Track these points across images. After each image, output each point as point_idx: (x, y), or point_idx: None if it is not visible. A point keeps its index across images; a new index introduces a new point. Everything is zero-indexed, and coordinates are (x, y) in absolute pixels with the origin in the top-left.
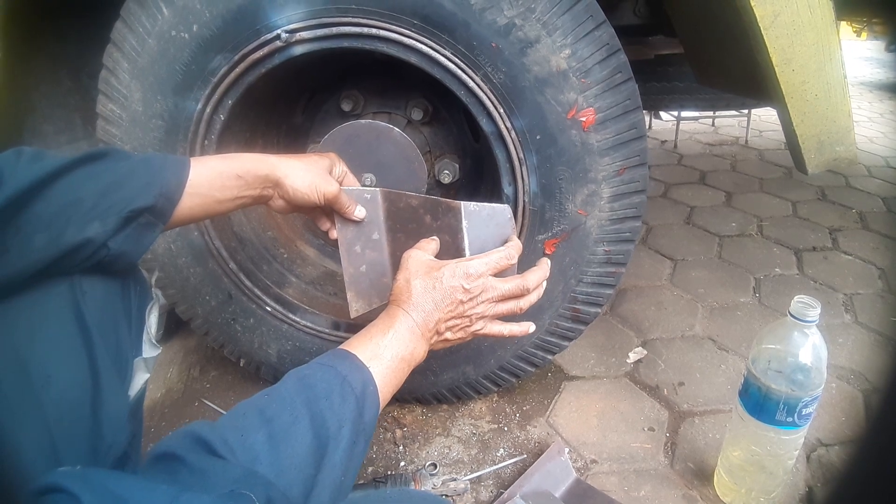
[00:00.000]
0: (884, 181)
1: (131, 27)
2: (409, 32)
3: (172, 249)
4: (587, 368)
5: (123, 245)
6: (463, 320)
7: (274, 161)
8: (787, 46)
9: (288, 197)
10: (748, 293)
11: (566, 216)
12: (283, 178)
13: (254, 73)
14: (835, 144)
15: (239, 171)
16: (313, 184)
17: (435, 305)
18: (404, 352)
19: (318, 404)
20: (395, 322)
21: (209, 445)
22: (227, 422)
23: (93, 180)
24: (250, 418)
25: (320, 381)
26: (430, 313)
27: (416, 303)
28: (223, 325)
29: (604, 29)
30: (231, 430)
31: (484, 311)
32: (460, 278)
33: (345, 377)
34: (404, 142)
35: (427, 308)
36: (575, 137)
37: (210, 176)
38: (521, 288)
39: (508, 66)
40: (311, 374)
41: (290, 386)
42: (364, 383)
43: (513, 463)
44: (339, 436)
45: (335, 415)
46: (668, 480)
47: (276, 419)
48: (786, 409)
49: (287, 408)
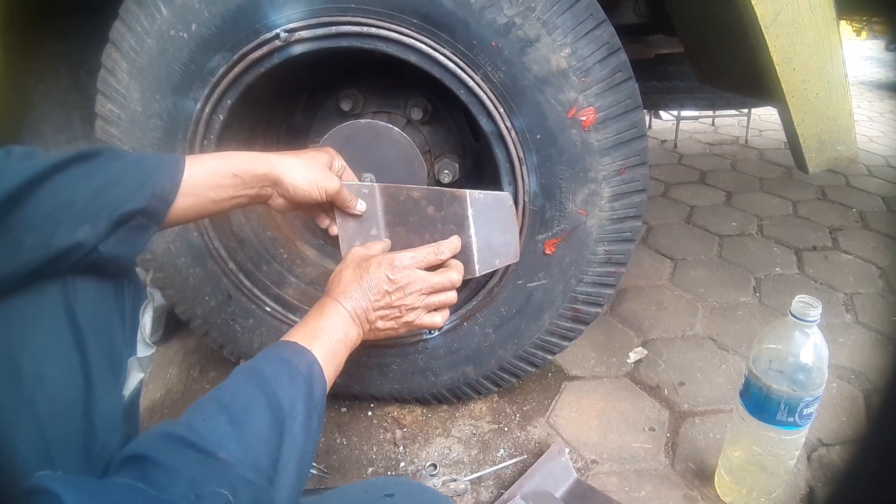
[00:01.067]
0: (884, 180)
1: (130, 26)
2: (409, 31)
3: (171, 250)
4: (587, 368)
5: (115, 249)
6: (392, 310)
7: (272, 159)
8: (787, 45)
9: (288, 195)
10: (748, 293)
11: (566, 216)
12: (283, 175)
13: (253, 72)
14: (836, 143)
15: (235, 169)
16: (314, 180)
17: (363, 294)
18: (339, 334)
19: (270, 387)
20: (327, 308)
21: (176, 436)
22: (187, 415)
23: (84, 180)
24: (208, 407)
25: (267, 368)
26: (359, 301)
27: (344, 290)
28: (223, 325)
29: (604, 28)
30: (194, 418)
31: (413, 302)
32: (386, 269)
33: (290, 361)
34: (404, 141)
35: (355, 296)
36: (575, 137)
37: (205, 175)
38: (450, 281)
39: (508, 65)
40: (256, 364)
41: (239, 378)
42: (309, 364)
43: (513, 463)
44: (293, 412)
45: (287, 394)
46: (668, 480)
47: (233, 404)
48: (787, 408)
49: (241, 394)
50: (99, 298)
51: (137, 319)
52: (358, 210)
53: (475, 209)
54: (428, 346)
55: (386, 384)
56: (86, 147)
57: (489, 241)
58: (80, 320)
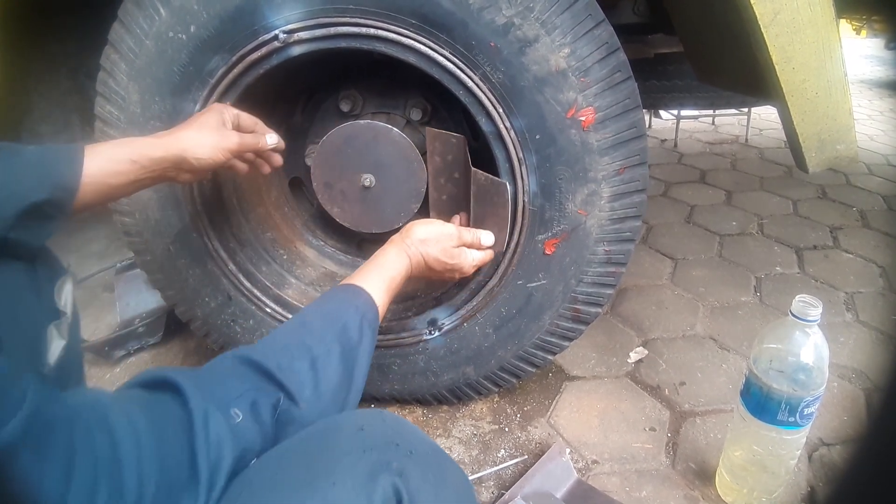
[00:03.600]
0: (884, 179)
1: (129, 28)
2: (408, 32)
3: (171, 251)
4: (588, 368)
5: (22, 236)
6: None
7: (168, 141)
8: (787, 44)
9: (194, 168)
10: (749, 292)
11: (566, 216)
12: (183, 153)
13: (252, 73)
14: (835, 142)
15: (132, 155)
16: (215, 146)
17: (430, 259)
18: (401, 279)
19: (346, 334)
20: (401, 259)
21: (265, 371)
22: (276, 350)
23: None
24: (295, 349)
25: (345, 314)
26: (422, 260)
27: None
28: (223, 326)
29: (603, 27)
30: (282, 356)
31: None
32: (447, 248)
33: (364, 314)
34: (403, 142)
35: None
36: (574, 137)
37: (101, 163)
38: (482, 258)
39: (507, 65)
40: (335, 309)
41: (318, 322)
42: (375, 316)
43: (514, 464)
44: (360, 363)
45: (357, 344)
46: (669, 480)
47: (315, 347)
48: (787, 408)
49: (321, 340)
50: (9, 275)
51: (52, 292)
52: (270, 143)
53: (476, 187)
54: (428, 346)
55: (386, 385)
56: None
57: (482, 221)
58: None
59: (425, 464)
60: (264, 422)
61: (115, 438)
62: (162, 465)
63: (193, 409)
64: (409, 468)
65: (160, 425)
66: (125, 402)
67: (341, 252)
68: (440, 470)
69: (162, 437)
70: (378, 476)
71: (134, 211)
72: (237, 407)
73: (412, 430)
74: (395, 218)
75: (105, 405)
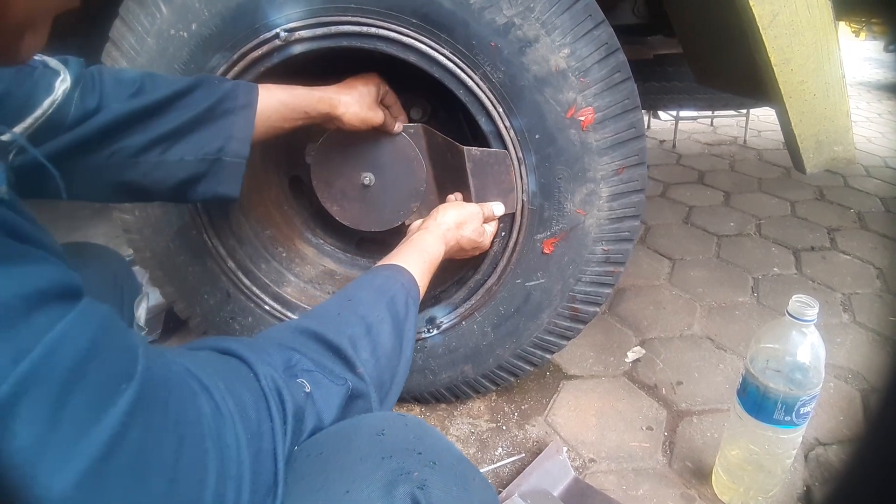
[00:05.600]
0: (882, 181)
1: (130, 26)
2: (408, 31)
3: (170, 248)
4: (586, 367)
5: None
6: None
7: (333, 100)
8: (785, 46)
9: (339, 125)
10: (746, 293)
11: (565, 215)
12: (342, 115)
13: (252, 71)
14: (833, 144)
15: (307, 108)
16: (365, 118)
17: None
18: (436, 260)
19: (395, 307)
20: (435, 242)
21: (332, 345)
22: (333, 324)
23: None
24: (349, 316)
25: (392, 288)
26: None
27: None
28: (221, 323)
29: (602, 28)
30: (341, 324)
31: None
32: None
33: (409, 290)
34: (403, 141)
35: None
36: (574, 137)
37: (277, 107)
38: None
39: (507, 65)
40: (383, 284)
41: (368, 294)
42: (417, 292)
43: (511, 462)
44: (408, 335)
45: (404, 316)
46: (666, 479)
47: (367, 316)
48: (784, 408)
49: (374, 310)
50: (100, 291)
51: (133, 310)
52: (396, 130)
53: (473, 164)
54: (426, 344)
55: None
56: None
57: (484, 194)
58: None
59: (449, 475)
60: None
61: (217, 406)
62: (246, 430)
63: (261, 376)
64: (431, 479)
65: (237, 391)
66: (205, 364)
67: (340, 250)
68: (465, 483)
69: (241, 401)
70: (396, 486)
71: (134, 208)
72: (303, 378)
73: (437, 438)
74: (395, 216)
75: (198, 367)
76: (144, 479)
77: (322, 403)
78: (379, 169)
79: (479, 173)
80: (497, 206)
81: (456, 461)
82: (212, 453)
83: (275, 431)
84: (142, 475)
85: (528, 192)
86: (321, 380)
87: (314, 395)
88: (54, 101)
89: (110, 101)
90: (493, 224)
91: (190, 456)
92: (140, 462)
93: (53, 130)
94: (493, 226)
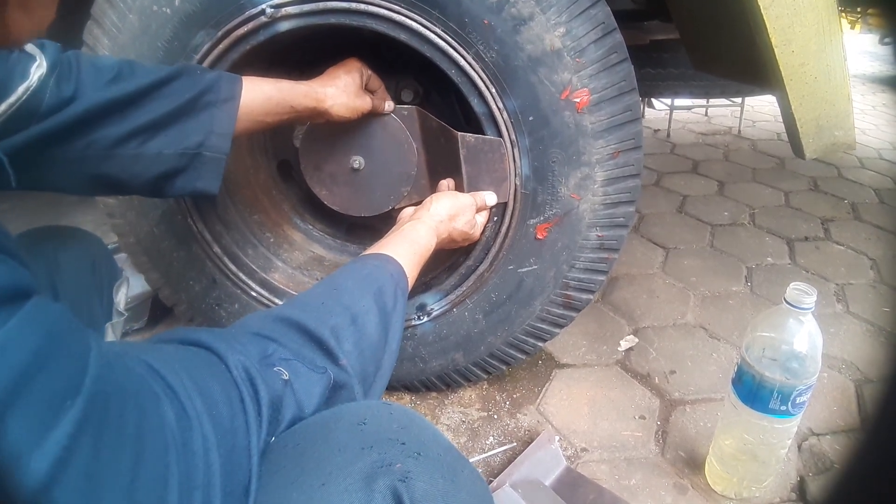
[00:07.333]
0: (876, 172)
1: (112, 2)
2: (399, 8)
3: (155, 233)
4: (578, 356)
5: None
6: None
7: (319, 94)
8: (787, 27)
9: (330, 120)
10: (740, 282)
11: (559, 200)
12: (330, 108)
13: (238, 49)
14: (833, 128)
15: (293, 102)
16: (353, 107)
17: (451, 229)
18: (427, 250)
19: (382, 299)
20: (426, 233)
21: (313, 335)
22: (306, 307)
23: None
24: (333, 306)
25: (380, 277)
26: (444, 232)
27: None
28: (207, 310)
29: (599, 7)
30: (322, 314)
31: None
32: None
33: (398, 280)
34: (394, 124)
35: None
36: (568, 119)
37: (262, 101)
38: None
39: (501, 44)
40: (370, 273)
41: (352, 283)
42: (405, 283)
43: (502, 451)
44: (395, 327)
45: (391, 308)
46: (658, 469)
47: (352, 306)
48: (779, 397)
49: (359, 301)
50: (78, 275)
51: (112, 295)
52: (387, 109)
53: (467, 150)
54: (417, 332)
55: None
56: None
57: (477, 181)
58: (62, 295)
59: (434, 467)
60: (306, 381)
61: (183, 408)
62: (217, 429)
63: (232, 367)
64: (414, 471)
65: (207, 387)
66: (172, 360)
67: (329, 236)
68: (452, 475)
69: (210, 398)
70: (376, 478)
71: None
72: (280, 367)
73: (423, 427)
74: (385, 201)
75: (164, 364)
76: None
77: (302, 392)
78: (369, 152)
79: (473, 160)
80: (489, 195)
81: (443, 452)
82: (174, 467)
83: (249, 424)
84: (92, 499)
85: (522, 176)
86: (300, 368)
87: (293, 383)
88: (29, 87)
89: (87, 89)
90: (485, 214)
91: (149, 472)
92: (90, 486)
93: (27, 119)
94: (485, 216)
